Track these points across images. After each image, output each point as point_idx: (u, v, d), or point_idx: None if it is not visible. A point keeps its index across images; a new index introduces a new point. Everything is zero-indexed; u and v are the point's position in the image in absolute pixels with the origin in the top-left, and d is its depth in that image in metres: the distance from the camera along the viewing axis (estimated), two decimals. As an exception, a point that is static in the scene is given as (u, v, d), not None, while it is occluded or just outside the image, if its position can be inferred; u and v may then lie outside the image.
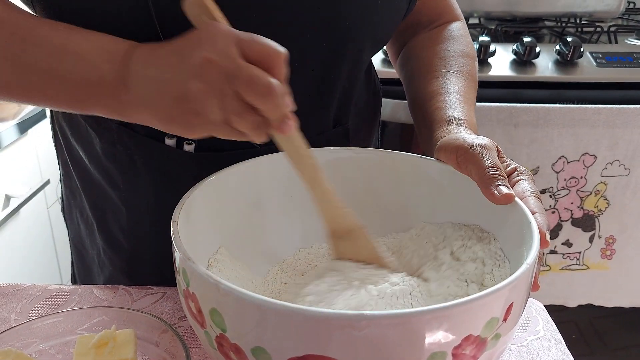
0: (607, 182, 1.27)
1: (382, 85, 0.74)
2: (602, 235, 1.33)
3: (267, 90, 0.37)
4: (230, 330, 0.35)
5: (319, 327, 0.32)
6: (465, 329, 0.33)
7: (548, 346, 0.53)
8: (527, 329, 0.55)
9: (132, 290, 0.59)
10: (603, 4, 1.42)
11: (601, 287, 1.39)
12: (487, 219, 0.49)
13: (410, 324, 0.31)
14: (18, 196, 1.25)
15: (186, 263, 0.37)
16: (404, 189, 0.54)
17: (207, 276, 0.35)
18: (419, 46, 0.68)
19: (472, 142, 0.48)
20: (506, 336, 0.37)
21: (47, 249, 1.41)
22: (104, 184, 0.61)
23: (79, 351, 0.40)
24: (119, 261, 0.65)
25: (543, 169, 1.25)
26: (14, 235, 1.27)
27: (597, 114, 1.19)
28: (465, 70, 0.63)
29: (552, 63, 1.26)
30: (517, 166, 0.49)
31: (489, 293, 0.33)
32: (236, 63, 0.37)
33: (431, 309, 0.31)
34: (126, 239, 0.63)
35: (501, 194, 0.44)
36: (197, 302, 0.37)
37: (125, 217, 0.61)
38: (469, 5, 1.41)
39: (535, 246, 0.39)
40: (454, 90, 0.59)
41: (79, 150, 0.62)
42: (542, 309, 0.59)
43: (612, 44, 1.38)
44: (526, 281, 0.37)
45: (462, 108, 0.57)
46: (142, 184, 0.59)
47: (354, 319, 0.31)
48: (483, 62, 1.25)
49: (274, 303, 0.32)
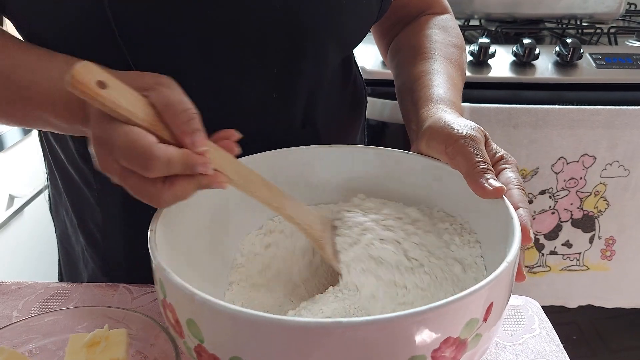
0: (607, 183, 1.27)
1: (382, 86, 0.74)
2: (602, 236, 1.33)
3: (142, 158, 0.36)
4: (207, 341, 0.35)
5: (295, 337, 0.32)
6: (444, 332, 0.33)
7: (544, 344, 0.53)
8: (523, 327, 0.55)
9: (132, 288, 0.60)
10: (603, 5, 1.42)
11: (601, 288, 1.39)
12: (469, 214, 0.49)
13: (389, 329, 0.31)
14: (21, 196, 1.26)
15: (162, 273, 0.37)
16: (388, 184, 0.55)
17: (183, 287, 0.35)
18: (408, 34, 0.67)
19: (460, 131, 0.47)
20: (487, 336, 0.37)
21: (50, 248, 1.42)
22: (80, 183, 0.62)
23: (71, 349, 0.40)
24: (97, 259, 0.66)
25: (542, 169, 1.25)
26: (17, 235, 1.28)
27: (597, 115, 1.19)
28: (454, 59, 0.62)
29: (552, 64, 1.26)
30: (504, 154, 0.48)
31: (467, 294, 0.33)
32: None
33: (409, 313, 0.31)
34: (102, 237, 0.64)
35: (492, 187, 0.43)
36: (174, 312, 0.37)
37: (100, 216, 0.62)
38: (470, 6, 1.41)
39: (516, 243, 0.39)
40: (442, 72, 0.58)
41: (59, 151, 0.63)
42: (538, 307, 0.59)
43: (612, 46, 1.38)
44: (506, 280, 0.37)
45: (450, 90, 0.56)
46: (113, 184, 0.59)
47: (331, 326, 0.31)
48: (483, 63, 1.26)
49: (248, 313, 0.32)
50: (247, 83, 0.55)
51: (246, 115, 0.56)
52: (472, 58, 1.26)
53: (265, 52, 0.53)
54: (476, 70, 1.25)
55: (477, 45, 1.23)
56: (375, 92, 1.20)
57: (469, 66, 1.26)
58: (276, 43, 0.53)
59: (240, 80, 0.54)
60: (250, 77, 0.54)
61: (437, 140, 0.49)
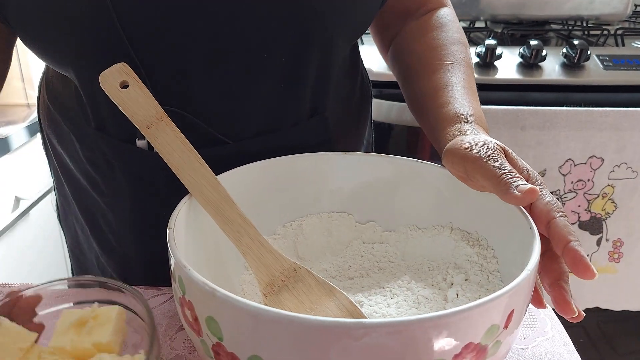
0: (615, 185, 1.27)
1: (387, 88, 0.73)
2: (610, 239, 1.32)
3: None
4: (226, 339, 0.35)
5: (316, 336, 0.31)
6: (465, 337, 0.33)
7: (557, 347, 0.53)
8: (536, 330, 0.55)
9: (142, 290, 0.59)
10: (610, 7, 1.42)
11: (609, 291, 1.38)
12: (485, 224, 0.49)
13: (410, 332, 0.31)
14: (28, 198, 1.26)
15: (182, 270, 0.37)
16: (402, 194, 0.55)
17: (204, 284, 0.35)
18: (409, 38, 0.66)
19: (477, 153, 0.46)
20: (507, 343, 0.37)
21: (56, 250, 1.42)
22: (90, 189, 0.62)
23: (60, 329, 0.37)
24: (113, 264, 0.66)
25: (550, 171, 1.24)
26: (23, 237, 1.28)
27: (604, 117, 1.18)
28: (459, 58, 0.61)
29: (559, 66, 1.26)
30: (531, 172, 0.46)
31: (489, 300, 0.33)
32: None
33: (431, 316, 0.31)
34: (117, 242, 0.64)
35: (523, 191, 0.41)
36: (193, 310, 0.37)
37: (112, 220, 0.62)
38: (476, 8, 1.41)
39: (536, 252, 0.39)
40: (453, 82, 0.57)
41: (66, 157, 0.63)
42: (550, 310, 0.58)
43: (619, 47, 1.38)
44: (527, 287, 0.37)
45: (465, 101, 0.55)
46: (121, 188, 0.59)
47: (353, 327, 0.31)
48: (489, 65, 1.25)
49: (270, 311, 0.32)
50: (253, 74, 0.54)
51: (253, 106, 0.56)
52: (479, 60, 1.25)
53: (274, 42, 0.52)
54: (483, 72, 1.25)
55: (484, 47, 1.23)
56: (382, 94, 1.19)
57: (475, 68, 1.26)
58: (285, 32, 0.53)
59: (247, 72, 0.54)
60: (257, 67, 0.54)
61: (455, 161, 0.48)
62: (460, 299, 0.45)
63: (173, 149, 0.46)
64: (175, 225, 0.42)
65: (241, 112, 0.56)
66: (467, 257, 0.49)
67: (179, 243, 0.40)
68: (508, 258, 0.47)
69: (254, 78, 0.54)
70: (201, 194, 0.45)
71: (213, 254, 0.49)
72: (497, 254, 0.48)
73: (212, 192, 0.45)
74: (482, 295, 0.45)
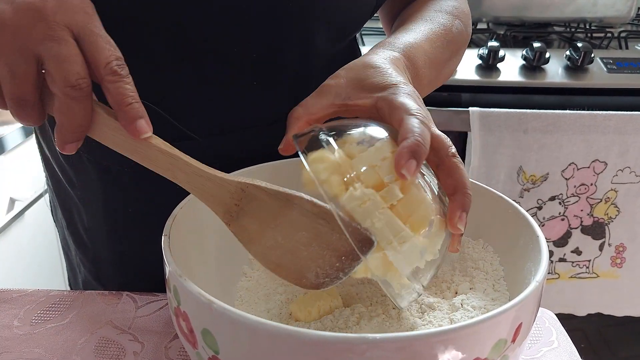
0: (618, 189, 1.25)
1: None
2: (612, 243, 1.31)
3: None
4: (223, 353, 0.34)
5: (317, 352, 0.30)
6: (472, 352, 0.32)
7: (562, 357, 0.52)
8: (541, 340, 0.54)
9: (136, 296, 0.58)
10: (613, 9, 1.41)
11: (611, 296, 1.37)
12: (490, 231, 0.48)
13: (415, 347, 0.30)
14: (22, 199, 1.25)
15: (177, 280, 0.36)
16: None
17: (199, 295, 0.34)
18: (407, 12, 0.64)
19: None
20: (514, 357, 0.35)
21: (52, 252, 1.40)
22: (65, 183, 0.61)
23: None
24: (88, 263, 0.64)
25: (553, 175, 1.23)
26: (18, 239, 1.26)
27: (608, 121, 1.17)
28: (438, 21, 0.58)
29: (562, 69, 1.25)
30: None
31: (496, 314, 0.32)
32: None
33: (436, 331, 0.30)
34: (89, 238, 0.62)
35: None
36: (188, 321, 0.36)
37: (84, 215, 0.61)
38: (478, 10, 1.40)
39: (544, 262, 0.38)
40: (411, 28, 0.55)
41: (46, 150, 0.62)
42: (555, 319, 0.57)
43: (623, 50, 1.37)
44: (535, 300, 0.36)
45: (403, 36, 0.52)
46: (91, 182, 0.58)
47: (355, 342, 0.30)
48: (492, 67, 1.24)
49: (269, 325, 0.31)
50: (222, 68, 0.52)
51: (226, 105, 0.54)
52: (482, 62, 1.24)
53: (246, 37, 0.51)
54: (485, 75, 1.24)
55: (487, 49, 1.22)
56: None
57: (477, 70, 1.25)
58: (259, 27, 0.51)
59: (216, 66, 0.52)
60: (228, 63, 0.52)
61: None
62: (465, 308, 0.44)
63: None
64: (171, 232, 0.41)
65: (209, 107, 0.54)
66: (472, 265, 0.48)
67: (174, 251, 0.39)
68: (513, 265, 0.45)
69: (223, 73, 0.52)
70: (111, 140, 0.40)
71: (208, 260, 0.48)
72: (502, 262, 0.47)
73: (127, 139, 0.39)
74: (487, 304, 0.43)
